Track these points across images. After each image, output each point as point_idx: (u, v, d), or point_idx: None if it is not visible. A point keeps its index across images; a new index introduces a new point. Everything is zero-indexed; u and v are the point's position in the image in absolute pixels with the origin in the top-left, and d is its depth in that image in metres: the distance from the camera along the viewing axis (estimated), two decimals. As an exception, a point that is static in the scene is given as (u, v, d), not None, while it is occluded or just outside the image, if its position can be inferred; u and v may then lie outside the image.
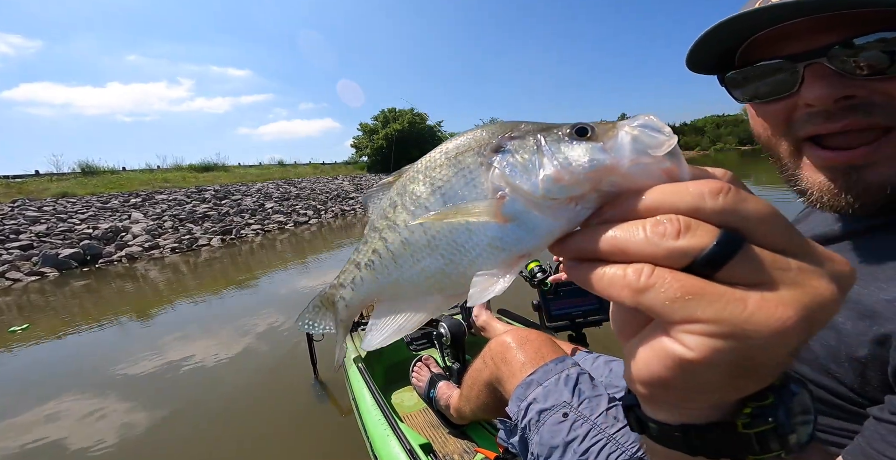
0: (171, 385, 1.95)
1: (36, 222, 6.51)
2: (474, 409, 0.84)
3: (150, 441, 1.49)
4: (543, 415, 0.61)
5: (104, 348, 2.57)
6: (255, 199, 10.08)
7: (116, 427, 1.62)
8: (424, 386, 1.04)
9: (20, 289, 4.59)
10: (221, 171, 13.57)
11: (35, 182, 9.03)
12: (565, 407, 0.60)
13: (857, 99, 0.27)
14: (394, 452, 0.78)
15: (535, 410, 0.62)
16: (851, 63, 0.26)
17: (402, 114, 22.43)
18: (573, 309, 0.94)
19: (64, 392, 1.97)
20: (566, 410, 0.60)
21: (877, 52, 0.25)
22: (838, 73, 0.27)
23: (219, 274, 4.67)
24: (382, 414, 0.92)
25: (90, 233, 6.35)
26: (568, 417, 0.59)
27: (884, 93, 0.26)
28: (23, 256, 5.46)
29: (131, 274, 4.99)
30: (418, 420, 1.10)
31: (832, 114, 0.28)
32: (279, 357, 2.12)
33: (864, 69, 0.26)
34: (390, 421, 0.88)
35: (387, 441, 0.82)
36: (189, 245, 6.58)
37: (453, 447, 0.95)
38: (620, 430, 0.56)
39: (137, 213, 7.59)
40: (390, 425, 0.87)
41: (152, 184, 10.09)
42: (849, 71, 0.26)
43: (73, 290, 4.33)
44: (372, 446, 0.87)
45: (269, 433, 1.43)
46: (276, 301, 3.29)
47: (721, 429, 0.19)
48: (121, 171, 11.50)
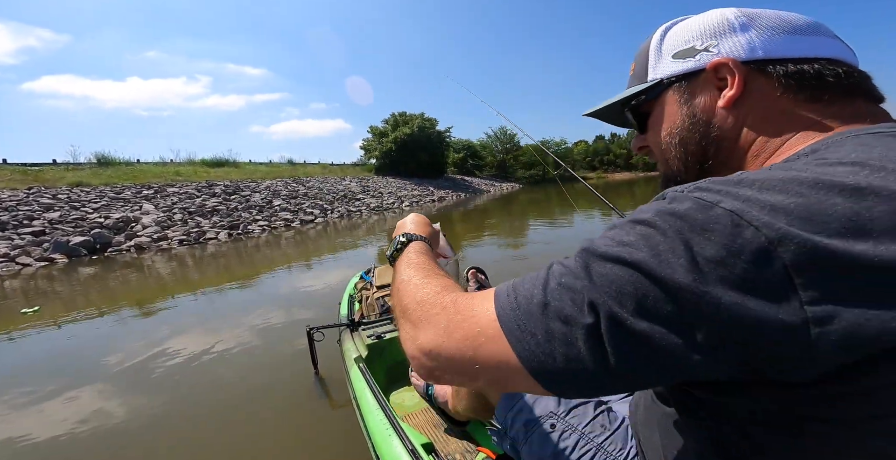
0: (171, 379, 1.95)
1: (49, 209, 6.63)
2: (466, 409, 0.83)
3: (148, 437, 1.49)
4: (530, 426, 0.61)
5: (104, 337, 2.59)
6: (263, 196, 10.19)
7: (111, 419, 1.62)
8: (423, 384, 1.04)
9: (29, 274, 4.66)
10: (232, 167, 13.74)
11: (52, 170, 9.21)
12: (552, 418, 0.60)
13: (644, 148, 0.47)
14: (396, 451, 0.78)
15: (521, 421, 0.62)
16: (634, 128, 0.48)
17: (412, 118, 22.60)
18: None
19: (58, 381, 1.98)
20: (553, 421, 0.60)
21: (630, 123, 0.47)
22: (637, 133, 0.48)
23: (223, 268, 4.71)
24: (384, 413, 0.92)
25: (101, 221, 6.45)
26: (556, 428, 0.59)
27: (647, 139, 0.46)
28: (34, 242, 5.55)
29: (138, 264, 5.05)
30: (419, 419, 1.09)
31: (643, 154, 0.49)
32: (280, 355, 2.12)
33: (637, 130, 0.47)
34: (392, 421, 0.88)
35: (389, 440, 0.82)
36: (197, 238, 6.65)
37: (455, 446, 0.95)
38: (608, 438, 0.56)
39: (149, 205, 7.70)
40: (392, 425, 0.87)
41: (165, 177, 10.24)
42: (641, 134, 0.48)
43: (81, 278, 4.38)
44: (373, 445, 0.87)
45: (269, 431, 1.43)
46: (278, 299, 3.30)
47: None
48: (135, 163, 11.68)
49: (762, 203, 0.24)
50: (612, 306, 0.26)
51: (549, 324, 0.27)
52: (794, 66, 0.35)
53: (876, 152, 0.27)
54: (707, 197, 0.26)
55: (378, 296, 1.71)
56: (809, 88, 0.35)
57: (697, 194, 0.27)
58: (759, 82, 0.36)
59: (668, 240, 0.25)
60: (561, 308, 0.27)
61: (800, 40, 0.36)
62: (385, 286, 1.76)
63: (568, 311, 0.27)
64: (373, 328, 1.48)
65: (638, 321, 0.25)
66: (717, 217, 0.25)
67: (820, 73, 0.35)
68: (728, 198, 0.25)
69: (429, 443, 0.79)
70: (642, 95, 0.43)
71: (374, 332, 1.43)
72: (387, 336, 1.42)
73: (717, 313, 0.23)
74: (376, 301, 1.69)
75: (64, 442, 1.46)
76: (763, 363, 0.24)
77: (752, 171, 0.28)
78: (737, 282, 0.23)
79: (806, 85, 0.35)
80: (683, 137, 0.40)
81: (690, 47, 0.39)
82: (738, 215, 0.24)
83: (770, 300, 0.23)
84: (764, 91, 0.36)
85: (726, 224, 0.24)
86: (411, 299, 0.39)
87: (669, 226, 0.26)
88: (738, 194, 0.25)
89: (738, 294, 0.23)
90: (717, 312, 0.23)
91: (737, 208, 0.24)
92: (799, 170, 0.26)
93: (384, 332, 1.44)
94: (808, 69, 0.35)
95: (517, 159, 34.09)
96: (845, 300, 0.22)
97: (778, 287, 0.23)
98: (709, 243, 0.24)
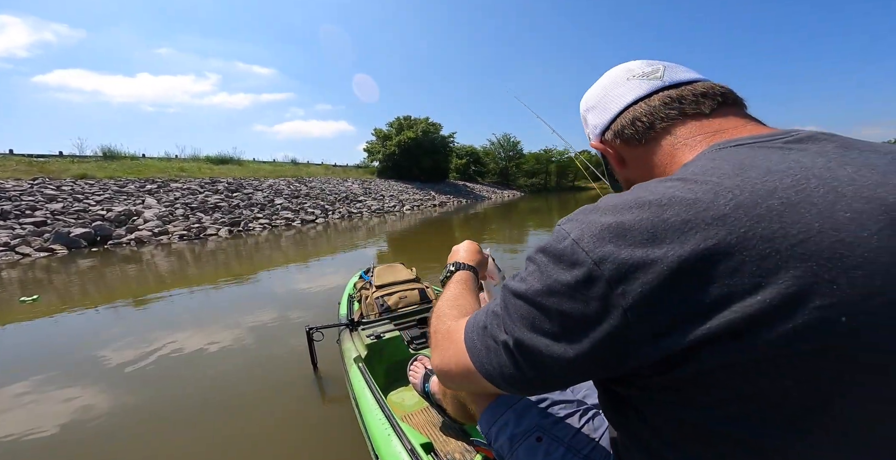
0: (167, 377, 1.94)
1: (53, 200, 6.64)
2: (454, 413, 0.82)
3: (142, 435, 1.48)
4: (515, 441, 0.59)
5: (99, 330, 2.58)
6: (265, 195, 10.21)
7: (103, 415, 1.60)
8: (420, 382, 1.03)
9: (28, 263, 4.65)
10: (236, 165, 13.79)
11: (57, 162, 9.25)
12: (538, 431, 0.59)
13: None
14: (395, 451, 0.77)
15: (506, 436, 0.60)
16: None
17: (416, 122, 22.74)
18: None
19: (47, 374, 1.96)
20: (539, 434, 0.58)
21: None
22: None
23: (222, 265, 4.70)
24: (383, 413, 0.91)
25: (103, 214, 6.46)
26: (542, 441, 0.58)
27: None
28: (35, 232, 5.55)
29: (138, 257, 5.04)
30: (419, 419, 1.09)
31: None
32: (279, 354, 2.11)
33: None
34: (391, 421, 0.88)
35: (388, 440, 0.81)
36: (197, 233, 6.65)
37: (454, 446, 0.94)
38: (594, 449, 0.55)
39: (151, 199, 7.72)
40: (391, 424, 0.86)
41: (169, 172, 10.27)
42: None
43: (79, 269, 4.37)
44: (373, 445, 0.86)
45: (267, 431, 1.42)
46: (277, 297, 3.29)
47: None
48: (140, 158, 11.73)
49: (596, 226, 0.31)
50: (515, 328, 0.35)
51: (487, 341, 0.38)
52: (624, 121, 0.43)
53: (711, 164, 0.31)
54: (566, 227, 0.33)
55: (377, 296, 1.70)
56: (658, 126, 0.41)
57: (564, 225, 0.33)
58: (620, 140, 0.43)
59: (539, 273, 0.33)
60: (492, 329, 0.37)
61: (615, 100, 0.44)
62: (384, 285, 1.76)
63: (495, 332, 0.37)
64: (372, 328, 1.47)
65: (532, 336, 0.33)
66: (565, 247, 0.32)
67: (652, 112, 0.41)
68: (577, 227, 0.32)
69: (428, 443, 0.79)
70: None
71: (373, 332, 1.43)
72: (386, 336, 1.41)
73: (574, 325, 0.31)
74: (375, 301, 1.69)
75: (55, 437, 1.45)
76: (613, 361, 0.30)
77: (613, 195, 0.34)
78: (579, 297, 0.30)
79: (645, 128, 0.41)
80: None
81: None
82: (576, 243, 0.31)
83: (601, 309, 0.29)
84: (629, 145, 0.43)
85: (568, 252, 0.31)
86: (434, 325, 0.51)
87: (539, 260, 0.34)
88: (586, 220, 0.32)
89: (583, 305, 0.30)
90: (574, 324, 0.31)
91: (577, 236, 0.31)
92: (634, 192, 0.32)
93: (383, 332, 1.43)
94: (639, 116, 0.41)
95: (519, 167, 34.23)
96: (655, 299, 0.27)
97: (603, 298, 0.29)
98: (560, 270, 0.31)
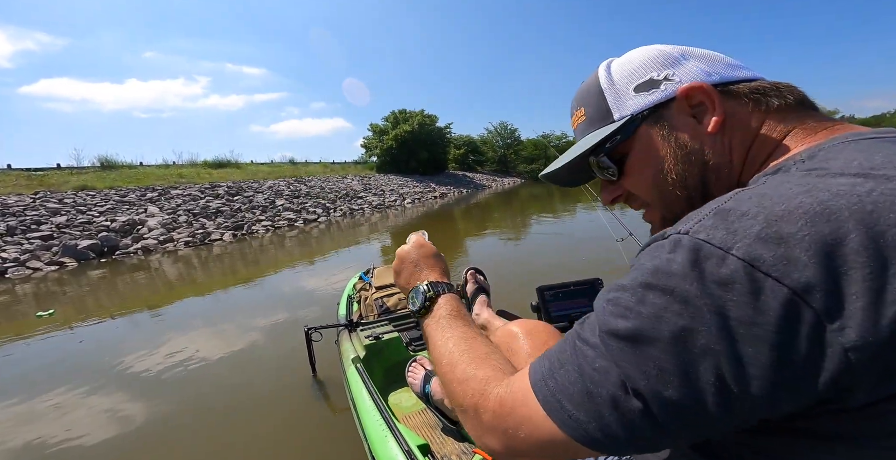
0: (173, 380, 1.99)
1: (56, 214, 6.71)
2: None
3: (144, 436, 1.52)
4: None
5: (113, 340, 2.65)
6: (266, 196, 10.23)
7: (114, 420, 1.65)
8: (419, 384, 1.05)
9: (39, 278, 4.75)
10: (234, 168, 13.79)
11: (56, 175, 9.31)
12: None
13: (620, 196, 0.44)
14: (392, 453, 0.79)
15: None
16: (607, 177, 0.43)
17: (412, 115, 22.45)
18: (572, 310, 0.94)
19: (65, 383, 2.02)
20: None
21: (604, 171, 0.42)
22: (606, 184, 0.45)
23: (228, 269, 4.76)
24: (381, 414, 0.93)
25: (108, 225, 6.53)
26: None
27: (626, 184, 0.43)
28: (43, 246, 5.64)
29: (146, 266, 5.12)
30: (416, 420, 1.10)
31: (617, 202, 0.46)
32: (278, 355, 2.14)
33: (612, 178, 0.43)
34: (388, 422, 0.89)
35: (385, 442, 0.83)
36: (202, 239, 6.71)
37: (451, 448, 0.95)
38: None
39: (153, 207, 7.78)
40: (388, 426, 0.87)
41: (168, 179, 10.31)
42: (609, 181, 0.44)
43: (91, 281, 4.46)
44: (370, 447, 0.88)
45: (265, 432, 1.45)
46: (282, 299, 3.34)
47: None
48: (138, 166, 11.76)
49: (772, 240, 0.23)
50: (655, 386, 0.25)
51: (601, 411, 0.27)
52: (748, 85, 0.36)
53: (878, 158, 0.26)
54: (715, 240, 0.24)
55: (377, 297, 1.72)
56: (773, 103, 0.36)
57: (703, 236, 0.25)
58: (729, 103, 0.36)
59: (691, 309, 0.24)
60: (607, 395, 0.27)
61: (736, 67, 0.38)
62: (384, 286, 1.78)
63: (613, 394, 0.27)
64: (371, 328, 1.49)
65: (686, 390, 0.24)
66: (733, 271, 0.23)
67: (776, 87, 0.36)
68: (741, 242, 0.24)
69: (425, 445, 0.80)
70: (616, 136, 0.39)
71: (372, 333, 1.44)
72: (385, 336, 1.43)
73: (763, 373, 0.23)
74: (375, 302, 1.70)
75: (73, 444, 1.50)
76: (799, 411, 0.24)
77: (747, 191, 0.27)
78: (774, 339, 0.22)
79: (768, 100, 0.36)
80: (680, 172, 0.37)
81: (649, 79, 0.38)
82: (752, 266, 0.23)
83: (811, 352, 0.22)
84: (738, 110, 0.36)
85: (743, 279, 0.23)
86: (460, 397, 0.37)
87: (688, 292, 0.24)
88: (745, 232, 0.24)
89: (781, 349, 0.22)
90: (764, 373, 0.23)
91: (749, 257, 0.23)
92: (799, 191, 0.25)
93: (382, 333, 1.44)
94: (763, 86, 0.36)
95: (518, 154, 33.82)
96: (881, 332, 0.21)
97: (815, 336, 0.22)
98: (732, 303, 0.23)
